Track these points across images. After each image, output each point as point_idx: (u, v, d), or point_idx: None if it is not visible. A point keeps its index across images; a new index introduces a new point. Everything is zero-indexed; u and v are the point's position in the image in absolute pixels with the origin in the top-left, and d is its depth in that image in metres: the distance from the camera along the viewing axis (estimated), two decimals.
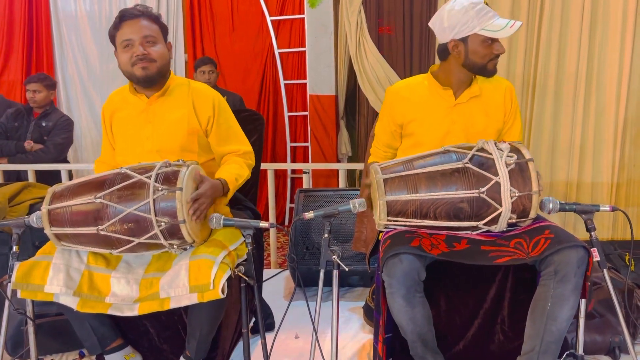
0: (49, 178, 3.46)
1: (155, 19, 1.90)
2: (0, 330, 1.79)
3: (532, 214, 1.72)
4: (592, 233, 1.72)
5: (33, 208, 2.55)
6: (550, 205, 1.72)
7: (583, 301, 1.74)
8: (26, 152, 3.70)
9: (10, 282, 1.69)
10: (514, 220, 1.72)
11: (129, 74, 1.88)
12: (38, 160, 3.66)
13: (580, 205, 1.74)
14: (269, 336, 1.83)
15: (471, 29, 1.87)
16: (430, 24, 2.01)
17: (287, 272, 3.07)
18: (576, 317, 1.72)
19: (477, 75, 1.96)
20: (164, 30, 1.93)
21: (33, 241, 2.35)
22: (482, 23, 1.85)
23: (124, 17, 1.86)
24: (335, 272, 1.72)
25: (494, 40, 1.89)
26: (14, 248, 1.76)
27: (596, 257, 1.68)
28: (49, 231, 1.69)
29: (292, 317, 1.97)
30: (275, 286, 2.90)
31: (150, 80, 1.87)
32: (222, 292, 1.62)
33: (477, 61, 1.91)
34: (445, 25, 1.90)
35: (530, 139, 3.50)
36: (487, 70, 1.92)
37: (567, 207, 1.73)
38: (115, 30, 1.87)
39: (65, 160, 3.93)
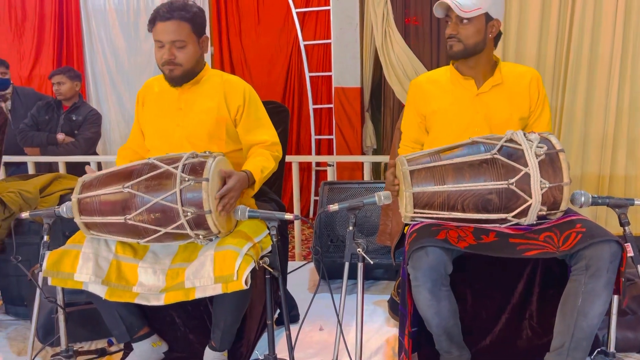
0: (79, 170, 3.52)
1: (189, 18, 1.86)
2: (32, 318, 1.85)
3: (563, 206, 1.67)
4: (626, 228, 1.67)
5: (63, 199, 2.60)
6: (582, 199, 1.67)
7: (615, 297, 1.69)
8: (57, 144, 3.78)
9: (41, 270, 1.74)
10: (544, 213, 1.67)
11: (161, 69, 1.94)
12: (69, 153, 3.74)
13: (613, 198, 1.69)
14: (294, 328, 1.84)
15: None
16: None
17: (312, 265, 3.07)
18: (608, 313, 1.67)
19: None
20: (197, 27, 1.90)
21: (63, 231, 2.40)
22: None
23: (155, 18, 1.87)
24: (360, 265, 1.72)
25: (447, 20, 1.92)
26: (45, 237, 1.81)
27: (630, 252, 1.63)
28: (78, 220, 1.72)
29: (317, 310, 1.97)
30: (300, 278, 2.90)
31: (175, 80, 1.92)
32: (246, 283, 1.64)
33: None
34: None
35: (561, 129, 3.40)
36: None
37: (600, 200, 1.68)
38: (150, 27, 1.91)
39: (95, 154, 4.00)
